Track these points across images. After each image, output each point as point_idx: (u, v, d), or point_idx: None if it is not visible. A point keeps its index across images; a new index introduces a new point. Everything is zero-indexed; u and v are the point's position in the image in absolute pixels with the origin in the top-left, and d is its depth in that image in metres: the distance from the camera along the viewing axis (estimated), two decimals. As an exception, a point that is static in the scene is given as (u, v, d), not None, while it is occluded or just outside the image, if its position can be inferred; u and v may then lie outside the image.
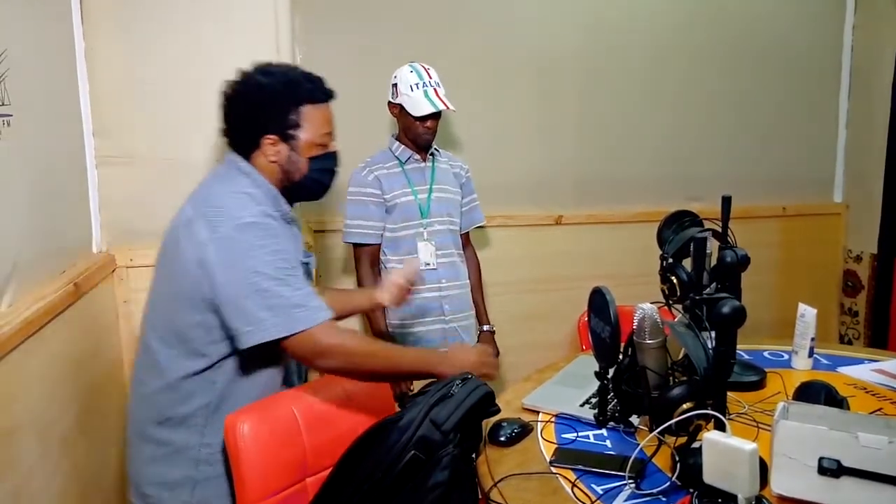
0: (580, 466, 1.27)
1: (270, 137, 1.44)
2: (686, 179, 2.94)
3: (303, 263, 1.50)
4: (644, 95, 2.86)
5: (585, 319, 1.53)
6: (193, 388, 1.39)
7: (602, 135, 2.83)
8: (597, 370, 1.45)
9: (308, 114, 1.45)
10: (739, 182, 2.86)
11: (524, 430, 1.42)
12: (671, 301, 1.49)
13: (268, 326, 1.30)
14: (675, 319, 1.40)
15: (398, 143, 2.17)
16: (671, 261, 1.50)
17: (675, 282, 1.47)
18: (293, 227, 1.51)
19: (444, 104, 2.06)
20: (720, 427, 1.11)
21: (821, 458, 1.08)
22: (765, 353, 1.89)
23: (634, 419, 1.43)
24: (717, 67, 2.94)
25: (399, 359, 1.44)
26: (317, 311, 1.33)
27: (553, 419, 1.50)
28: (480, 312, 2.32)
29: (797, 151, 3.15)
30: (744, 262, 1.48)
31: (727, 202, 1.54)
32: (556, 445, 1.37)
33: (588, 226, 2.84)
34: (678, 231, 1.56)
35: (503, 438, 1.39)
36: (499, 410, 1.34)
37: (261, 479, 1.29)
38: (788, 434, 1.11)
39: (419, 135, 2.11)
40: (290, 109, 1.43)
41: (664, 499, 1.17)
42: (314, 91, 1.46)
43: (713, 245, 1.52)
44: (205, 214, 1.36)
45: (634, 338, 1.33)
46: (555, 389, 1.65)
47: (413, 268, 1.87)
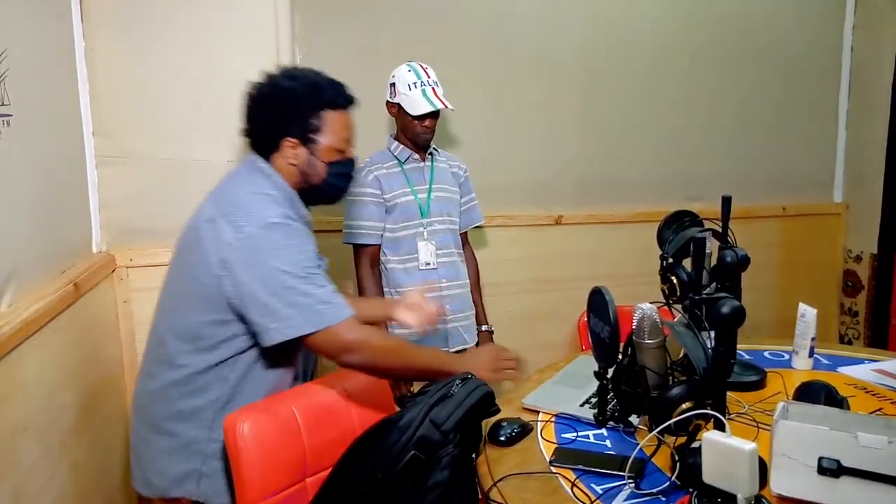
0: (580, 466, 1.27)
1: (291, 140, 1.46)
2: (686, 179, 2.94)
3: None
4: (644, 95, 2.86)
5: (585, 319, 1.53)
6: (206, 383, 1.41)
7: (602, 135, 2.83)
8: (596, 370, 1.45)
9: (329, 119, 1.47)
10: (739, 182, 2.86)
11: (524, 430, 1.42)
12: (671, 301, 1.50)
13: (294, 323, 1.32)
14: (675, 319, 1.40)
15: (397, 143, 2.16)
16: (671, 261, 1.50)
17: (675, 282, 1.47)
18: (309, 230, 1.52)
19: (443, 103, 2.05)
20: (720, 427, 1.11)
21: (820, 458, 1.08)
22: (765, 353, 1.89)
23: (634, 419, 1.43)
24: (718, 67, 2.94)
25: (420, 358, 1.46)
26: (341, 308, 1.36)
27: (553, 419, 1.50)
28: (479, 312, 2.32)
29: (797, 151, 3.15)
30: (744, 262, 1.48)
31: (727, 202, 1.54)
32: (556, 445, 1.37)
33: (588, 226, 2.83)
34: (678, 231, 1.56)
35: (503, 438, 1.39)
36: (499, 410, 1.34)
37: (261, 479, 1.30)
38: (788, 434, 1.11)
39: (418, 134, 2.11)
40: (312, 114, 1.46)
41: (664, 498, 1.17)
42: (336, 97, 1.48)
43: (713, 245, 1.52)
44: (227, 214, 1.37)
45: (634, 338, 1.33)
46: (555, 389, 1.65)
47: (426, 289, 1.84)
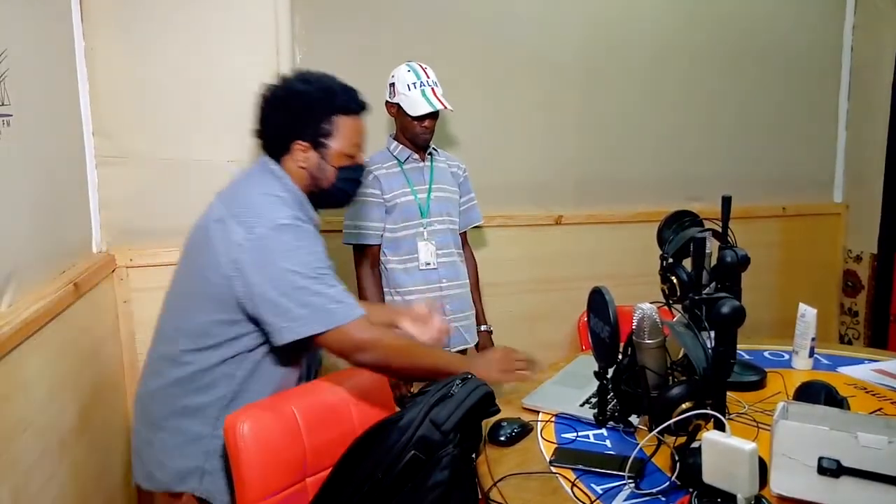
0: (580, 466, 1.27)
1: (302, 144, 1.47)
2: (686, 179, 2.94)
3: None
4: (644, 95, 2.86)
5: (585, 319, 1.53)
6: (212, 380, 1.42)
7: (602, 135, 2.82)
8: (596, 370, 1.45)
9: (341, 124, 1.48)
10: (739, 182, 2.86)
11: (524, 430, 1.42)
12: (671, 301, 1.50)
13: (306, 322, 1.33)
14: (675, 319, 1.40)
15: (396, 143, 2.16)
16: (671, 261, 1.50)
17: (675, 282, 1.47)
18: (318, 232, 1.52)
19: (442, 104, 2.05)
20: (720, 427, 1.11)
21: (820, 458, 1.08)
22: (765, 353, 1.89)
23: (634, 419, 1.43)
24: (718, 67, 2.94)
25: (430, 358, 1.47)
26: (353, 308, 1.37)
27: (553, 419, 1.49)
28: (478, 312, 2.32)
29: (797, 151, 3.15)
30: (744, 262, 1.48)
31: (727, 202, 1.54)
32: (556, 445, 1.37)
33: (588, 226, 2.83)
34: (678, 231, 1.56)
35: (503, 438, 1.39)
36: (499, 410, 1.34)
37: (261, 479, 1.30)
38: (788, 434, 1.11)
39: (417, 134, 2.11)
40: (325, 118, 1.47)
41: (663, 498, 1.17)
42: (349, 102, 1.50)
43: (713, 245, 1.52)
44: (238, 215, 1.38)
45: (634, 338, 1.33)
46: (554, 389, 1.65)
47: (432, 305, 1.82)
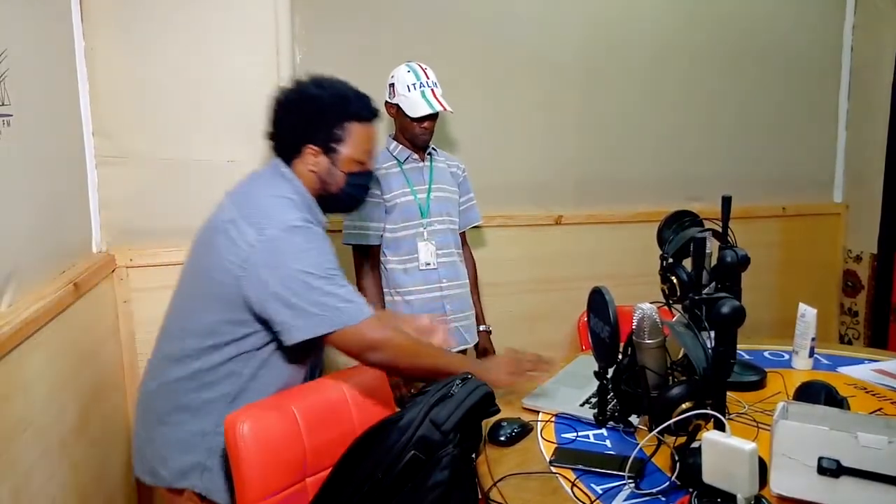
0: (580, 466, 1.27)
1: (313, 148, 1.48)
2: (686, 179, 2.94)
3: None
4: (644, 95, 2.86)
5: (585, 319, 1.53)
6: (217, 378, 1.42)
7: (602, 135, 2.82)
8: (596, 370, 1.45)
9: (353, 130, 1.50)
10: (739, 182, 2.86)
11: (524, 430, 1.42)
12: (671, 301, 1.50)
13: (319, 321, 1.34)
14: (675, 319, 1.40)
15: (396, 143, 2.16)
16: (671, 261, 1.50)
17: (675, 282, 1.47)
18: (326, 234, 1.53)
19: (442, 105, 2.05)
20: (720, 427, 1.11)
21: (820, 458, 1.08)
22: (765, 353, 1.89)
23: (634, 419, 1.43)
24: (718, 67, 2.94)
25: (440, 360, 1.47)
26: (363, 307, 1.38)
27: (553, 419, 1.50)
28: (477, 312, 2.32)
29: (797, 151, 3.15)
30: (744, 262, 1.48)
31: (727, 202, 1.54)
32: (556, 445, 1.37)
33: (588, 226, 2.83)
34: (678, 231, 1.56)
35: (503, 438, 1.39)
36: (499, 410, 1.34)
37: (261, 479, 1.29)
38: (788, 434, 1.11)
39: (416, 135, 2.11)
40: (337, 124, 1.48)
41: (663, 498, 1.17)
42: (362, 109, 1.51)
43: (713, 245, 1.52)
44: (248, 216, 1.39)
45: (634, 338, 1.33)
46: (554, 389, 1.65)
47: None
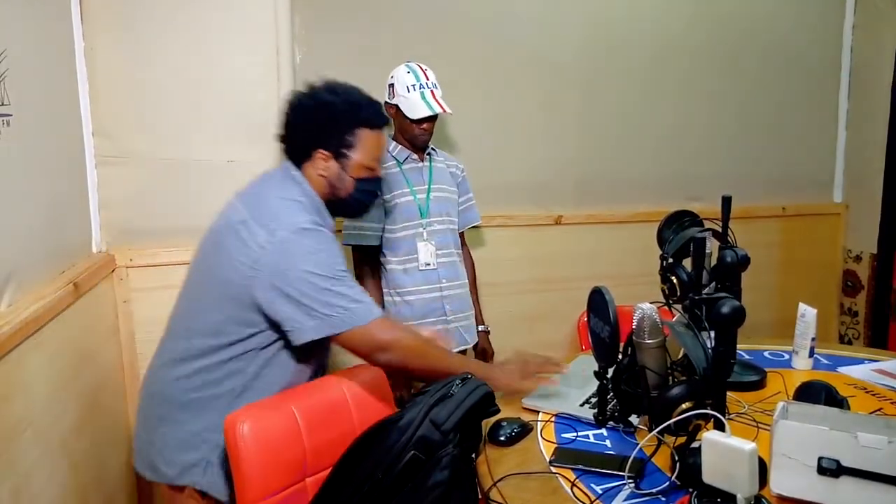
0: (580, 466, 1.27)
1: (324, 153, 1.50)
2: (686, 179, 2.94)
3: None
4: (644, 95, 2.85)
5: (585, 319, 1.53)
6: (221, 376, 1.43)
7: (602, 135, 2.82)
8: (596, 370, 1.45)
9: (364, 137, 1.51)
10: (739, 182, 2.86)
11: (524, 430, 1.42)
12: (671, 301, 1.50)
13: (327, 322, 1.35)
14: (675, 319, 1.40)
15: (395, 144, 2.16)
16: (671, 261, 1.50)
17: (675, 282, 1.47)
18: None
19: (441, 107, 2.05)
20: (720, 427, 1.11)
21: (820, 458, 1.08)
22: (765, 353, 1.89)
23: (634, 419, 1.43)
24: (718, 67, 2.94)
25: (449, 362, 1.47)
26: (372, 308, 1.40)
27: (553, 419, 1.50)
28: (476, 312, 2.32)
29: (797, 151, 3.14)
30: (744, 262, 1.48)
31: (727, 202, 1.54)
32: (556, 445, 1.37)
33: (588, 226, 2.83)
34: (678, 231, 1.56)
35: (503, 438, 1.39)
36: (498, 410, 1.34)
37: (261, 479, 1.30)
38: (788, 434, 1.11)
39: (415, 136, 2.10)
40: (348, 130, 1.50)
41: (663, 498, 1.17)
42: (373, 116, 1.53)
43: (713, 245, 1.52)
44: (259, 217, 1.40)
45: (634, 338, 1.33)
46: (554, 389, 1.64)
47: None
